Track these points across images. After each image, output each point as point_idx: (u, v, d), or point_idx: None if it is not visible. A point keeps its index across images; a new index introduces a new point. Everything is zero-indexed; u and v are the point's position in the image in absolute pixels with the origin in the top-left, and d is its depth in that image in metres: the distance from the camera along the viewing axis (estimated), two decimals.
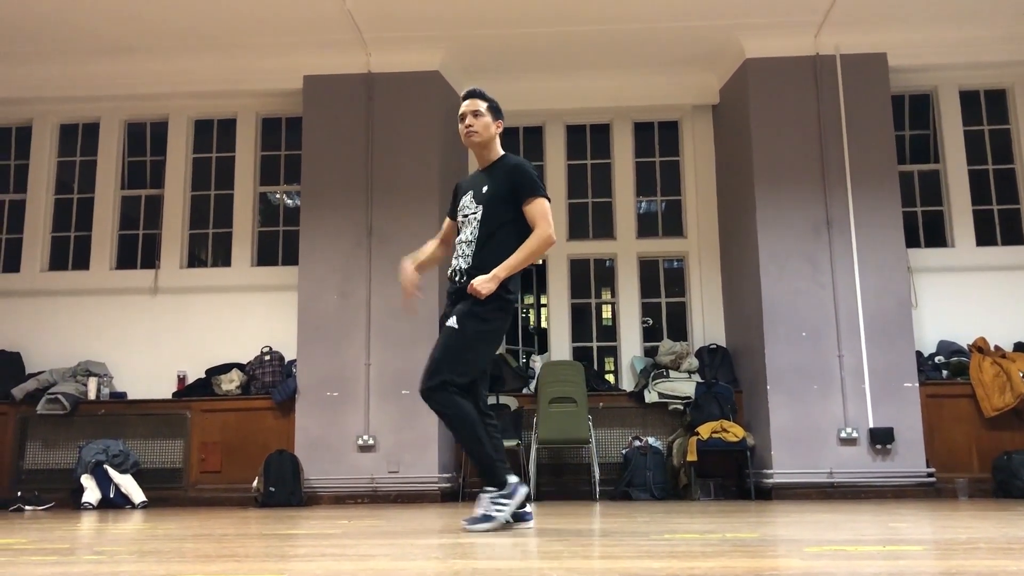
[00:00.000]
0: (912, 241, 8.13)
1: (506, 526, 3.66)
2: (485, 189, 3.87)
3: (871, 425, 7.26)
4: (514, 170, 3.87)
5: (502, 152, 4.02)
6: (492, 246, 3.81)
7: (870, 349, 7.38)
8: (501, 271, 3.72)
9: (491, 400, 7.86)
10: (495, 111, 3.99)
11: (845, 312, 7.47)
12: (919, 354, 7.64)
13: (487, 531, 3.55)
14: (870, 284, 7.50)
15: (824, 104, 7.80)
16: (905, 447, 7.22)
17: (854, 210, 7.62)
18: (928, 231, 8.38)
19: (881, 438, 7.19)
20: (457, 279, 3.86)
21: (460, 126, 3.97)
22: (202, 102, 8.79)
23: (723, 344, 8.37)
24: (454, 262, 3.91)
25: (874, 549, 2.63)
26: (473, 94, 3.99)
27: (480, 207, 3.87)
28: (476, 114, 3.93)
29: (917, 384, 7.35)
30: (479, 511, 3.69)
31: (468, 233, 3.87)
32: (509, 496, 3.69)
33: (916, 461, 7.20)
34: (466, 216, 3.92)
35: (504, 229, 3.83)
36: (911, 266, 7.88)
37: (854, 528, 3.61)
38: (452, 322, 3.73)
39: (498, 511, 3.65)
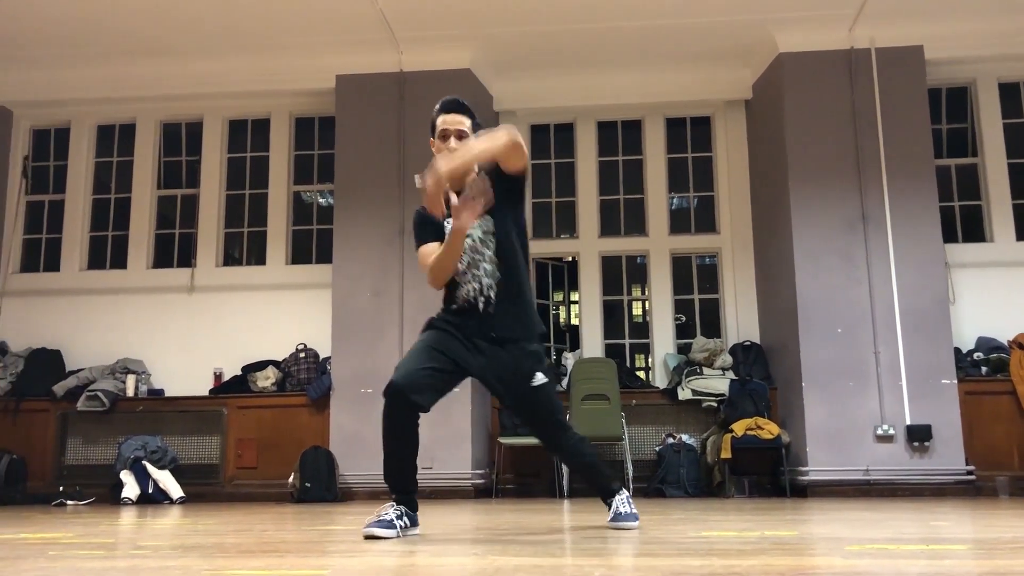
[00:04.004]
0: (949, 236, 8.01)
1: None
2: None
3: (908, 422, 7.17)
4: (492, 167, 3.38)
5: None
6: (510, 255, 3.36)
7: (907, 345, 7.29)
8: (458, 158, 3.06)
9: None
10: (476, 128, 3.42)
11: (881, 308, 7.39)
12: (957, 351, 7.54)
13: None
14: (907, 280, 7.41)
15: (859, 98, 7.72)
16: (943, 444, 7.13)
17: (890, 205, 7.53)
18: (966, 226, 8.26)
19: (919, 435, 7.11)
20: (480, 302, 3.34)
21: (437, 143, 3.37)
22: (236, 102, 8.89)
23: (757, 341, 8.31)
24: (467, 288, 3.35)
25: (916, 548, 2.61)
26: (457, 108, 3.40)
27: (489, 217, 3.30)
28: (461, 135, 3.35)
29: (955, 381, 7.25)
30: (626, 508, 3.59)
31: (487, 250, 3.35)
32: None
33: (955, 459, 7.11)
34: (472, 242, 3.34)
35: (513, 232, 3.39)
36: (948, 261, 7.78)
37: (894, 526, 3.57)
38: (541, 378, 3.35)
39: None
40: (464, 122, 3.37)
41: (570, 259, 9.12)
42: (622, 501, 3.63)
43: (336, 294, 7.93)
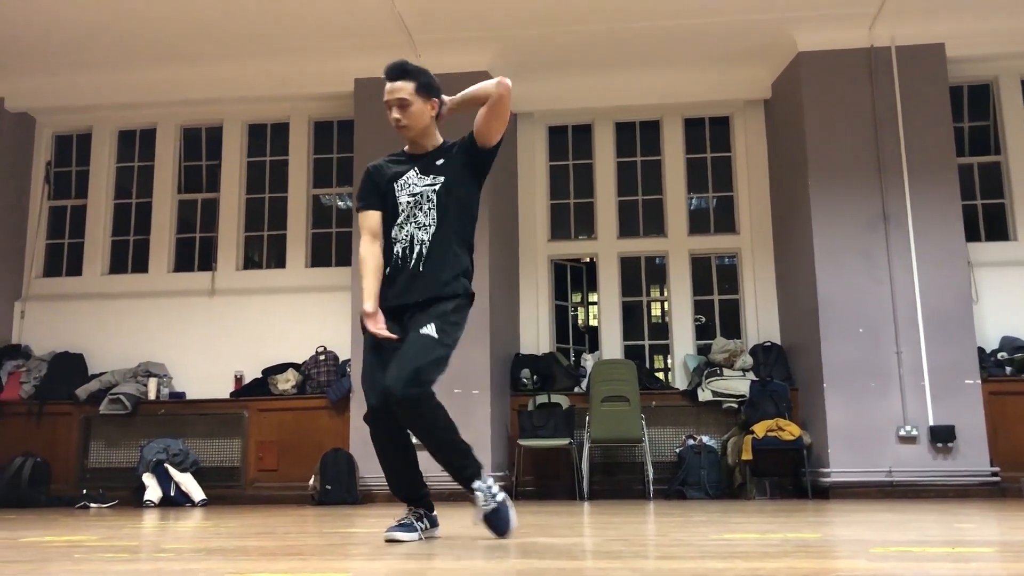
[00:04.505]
0: (972, 235, 7.93)
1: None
2: (441, 162, 3.31)
3: (931, 423, 7.11)
4: (465, 137, 3.36)
5: (442, 139, 3.40)
6: (452, 220, 3.27)
7: (929, 345, 7.22)
8: (455, 100, 3.26)
9: (542, 399, 7.87)
10: (426, 89, 3.27)
11: (903, 308, 7.33)
12: (981, 350, 7.46)
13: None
14: (929, 279, 7.34)
15: (879, 97, 7.66)
16: (967, 445, 7.05)
17: (911, 204, 7.46)
18: (989, 224, 8.17)
19: (942, 436, 7.04)
20: (411, 260, 3.22)
21: (388, 115, 3.32)
22: (256, 106, 8.93)
23: (777, 341, 8.26)
24: (400, 244, 3.26)
25: (942, 551, 2.58)
26: (395, 73, 3.27)
27: (442, 177, 3.29)
28: (402, 104, 3.24)
29: (979, 381, 7.18)
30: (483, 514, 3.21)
31: (429, 207, 3.25)
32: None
33: (979, 460, 7.04)
34: (419, 193, 3.28)
35: (464, 201, 3.32)
36: (971, 260, 7.70)
37: (918, 529, 3.54)
38: (431, 330, 3.10)
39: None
40: (404, 88, 3.24)
41: (588, 260, 9.10)
42: (487, 490, 3.15)
43: (356, 297, 7.94)
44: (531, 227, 8.88)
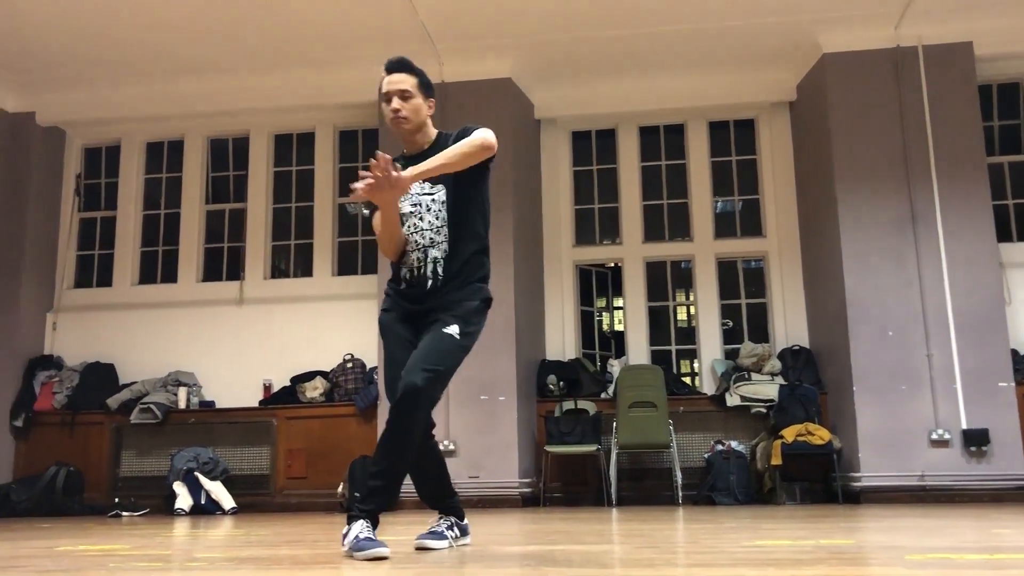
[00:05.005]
0: (1004, 235, 7.82)
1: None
2: None
3: (964, 426, 7.01)
4: (461, 131, 3.24)
5: (436, 131, 3.33)
6: (464, 226, 3.20)
7: (961, 347, 7.13)
8: (424, 166, 3.03)
9: (569, 405, 7.85)
10: (426, 87, 3.26)
11: (933, 310, 7.24)
12: (1014, 352, 7.35)
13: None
14: (959, 280, 7.25)
15: (907, 97, 7.58)
16: (1002, 449, 6.95)
17: (940, 205, 7.38)
18: (1021, 224, 8.06)
19: (975, 440, 6.94)
20: (427, 276, 3.17)
21: (384, 107, 3.23)
22: (281, 117, 9.00)
23: (806, 345, 8.19)
24: (412, 256, 3.19)
25: (980, 557, 2.54)
26: (398, 67, 3.23)
27: (441, 185, 3.19)
28: (404, 95, 3.19)
29: (1013, 383, 7.07)
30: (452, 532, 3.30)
31: (432, 218, 3.18)
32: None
33: (1014, 463, 6.93)
34: (418, 203, 3.20)
35: (472, 205, 3.22)
36: (1003, 261, 7.59)
37: (954, 534, 3.49)
38: (453, 330, 3.06)
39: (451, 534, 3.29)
40: (406, 80, 3.20)
41: (613, 265, 9.08)
42: (364, 525, 2.98)
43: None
44: (556, 233, 8.87)
